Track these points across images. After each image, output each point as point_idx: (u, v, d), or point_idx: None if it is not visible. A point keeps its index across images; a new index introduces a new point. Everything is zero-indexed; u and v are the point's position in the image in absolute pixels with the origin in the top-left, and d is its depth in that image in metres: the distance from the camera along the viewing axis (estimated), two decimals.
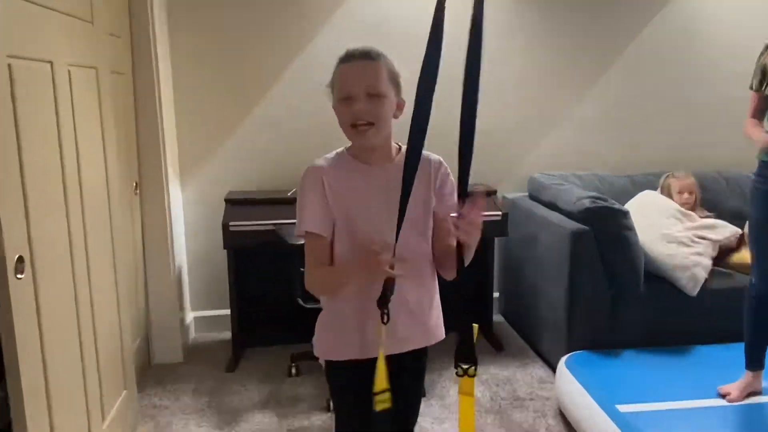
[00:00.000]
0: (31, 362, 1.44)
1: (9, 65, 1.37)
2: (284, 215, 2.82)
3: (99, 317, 1.89)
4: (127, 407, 2.17)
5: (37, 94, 1.53)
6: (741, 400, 2.09)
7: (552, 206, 2.86)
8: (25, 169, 1.42)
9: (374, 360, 1.27)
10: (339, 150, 1.40)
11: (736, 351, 2.45)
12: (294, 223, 1.37)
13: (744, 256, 2.76)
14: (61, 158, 1.64)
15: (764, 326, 2.12)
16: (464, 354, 1.29)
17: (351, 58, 1.30)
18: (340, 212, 1.34)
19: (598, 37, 3.34)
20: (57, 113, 1.62)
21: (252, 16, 2.98)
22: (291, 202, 3.03)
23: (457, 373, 1.28)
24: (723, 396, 2.12)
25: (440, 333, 1.47)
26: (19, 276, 1.37)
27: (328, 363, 1.45)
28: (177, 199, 3.01)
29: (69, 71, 1.70)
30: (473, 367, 1.28)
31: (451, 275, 1.36)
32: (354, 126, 1.28)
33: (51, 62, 1.59)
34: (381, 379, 1.25)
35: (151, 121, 2.66)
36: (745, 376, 2.14)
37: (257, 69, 3.04)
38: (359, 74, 1.28)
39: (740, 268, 2.75)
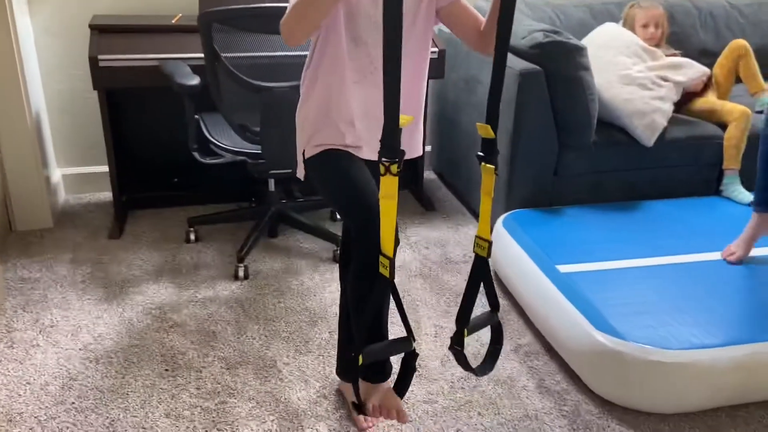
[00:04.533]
0: None
1: None
2: (169, 48, 2.67)
3: None
4: None
5: None
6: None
7: None
8: None
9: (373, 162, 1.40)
10: None
11: (690, 207, 2.66)
12: (182, 59, 1.31)
13: (709, 100, 2.89)
14: None
15: None
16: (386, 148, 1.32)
17: None
18: None
19: None
20: None
21: None
22: (177, 31, 2.91)
23: (379, 172, 1.32)
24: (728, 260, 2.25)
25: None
26: None
27: (317, 157, 1.61)
28: (26, 28, 2.78)
29: None
30: (396, 164, 1.32)
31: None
32: None
33: None
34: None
35: None
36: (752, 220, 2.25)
37: None
38: None
39: (704, 114, 2.88)
